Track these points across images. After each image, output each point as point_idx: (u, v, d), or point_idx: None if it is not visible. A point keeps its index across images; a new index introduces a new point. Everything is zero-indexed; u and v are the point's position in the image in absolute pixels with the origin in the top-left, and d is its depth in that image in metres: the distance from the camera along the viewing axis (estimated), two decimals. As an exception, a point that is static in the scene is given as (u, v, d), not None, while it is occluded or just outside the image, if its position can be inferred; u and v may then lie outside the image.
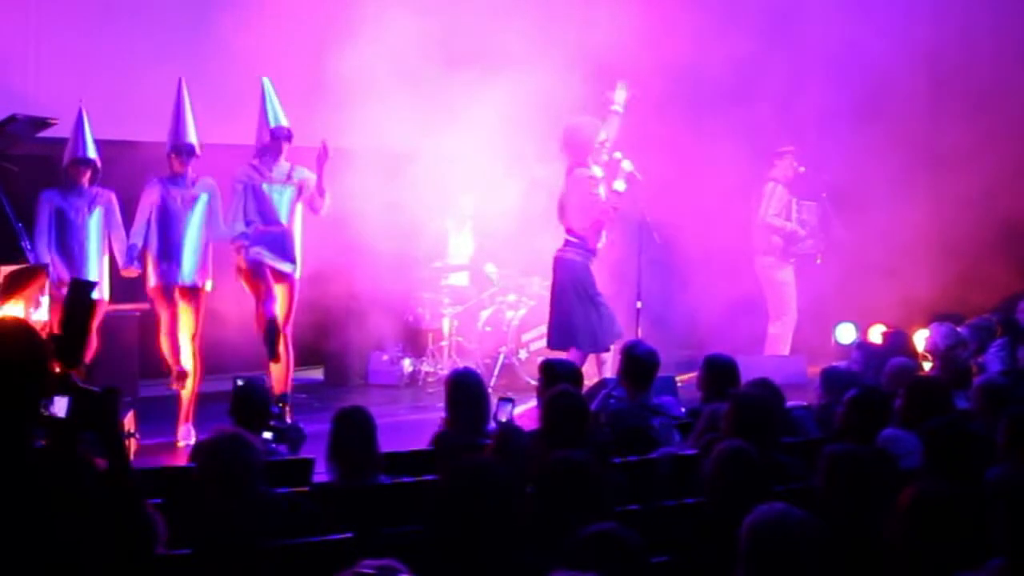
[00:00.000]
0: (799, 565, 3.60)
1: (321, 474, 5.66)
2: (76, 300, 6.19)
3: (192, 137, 8.66)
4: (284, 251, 8.93)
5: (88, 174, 8.55)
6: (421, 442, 6.28)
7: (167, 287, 8.72)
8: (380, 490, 5.19)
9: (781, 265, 10.96)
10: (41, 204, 8.56)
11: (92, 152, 8.51)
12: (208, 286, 8.84)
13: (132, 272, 8.67)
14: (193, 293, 8.76)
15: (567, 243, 9.13)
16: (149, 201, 8.70)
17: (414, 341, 11.52)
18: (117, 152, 9.19)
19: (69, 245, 8.53)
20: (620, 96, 9.31)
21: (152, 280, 8.76)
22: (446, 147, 10.83)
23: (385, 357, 11.37)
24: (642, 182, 9.34)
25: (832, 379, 7.39)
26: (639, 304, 9.76)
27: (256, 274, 8.80)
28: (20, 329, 3.52)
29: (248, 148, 9.10)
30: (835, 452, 4.58)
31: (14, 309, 7.81)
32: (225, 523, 4.43)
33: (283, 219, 8.95)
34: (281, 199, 8.94)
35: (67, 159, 8.52)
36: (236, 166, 9.00)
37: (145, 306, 9.51)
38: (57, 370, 3.53)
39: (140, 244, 8.66)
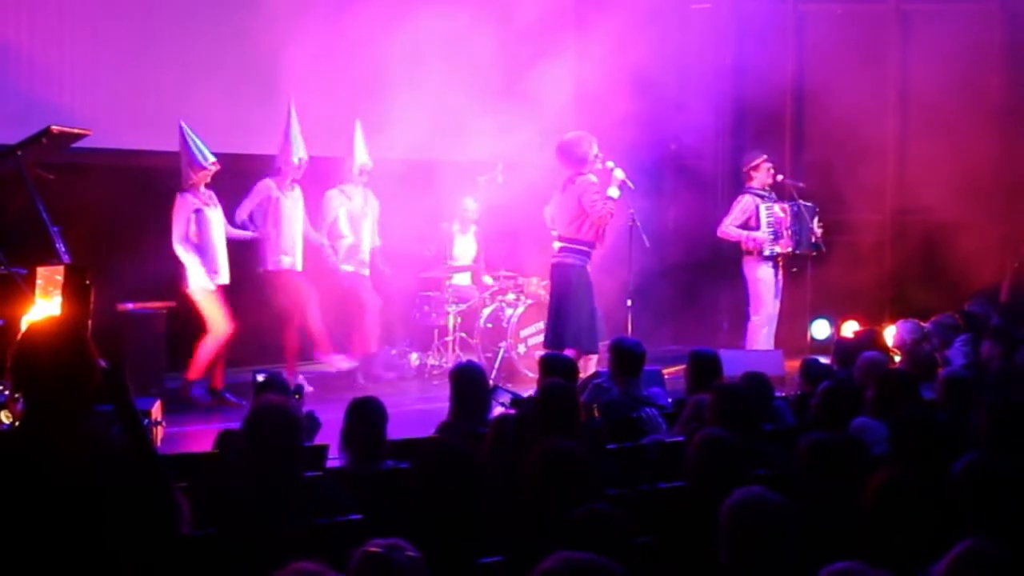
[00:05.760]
0: (774, 544, 3.62)
1: (334, 460, 5.67)
2: (74, 285, 6.09)
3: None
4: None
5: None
6: (427, 430, 6.29)
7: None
8: (389, 475, 5.20)
9: (758, 263, 10.89)
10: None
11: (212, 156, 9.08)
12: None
13: None
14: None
15: (567, 249, 9.13)
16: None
17: (421, 336, 11.54)
18: (133, 161, 9.30)
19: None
20: (616, 177, 9.22)
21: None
22: (452, 153, 10.85)
23: (394, 351, 11.39)
24: (633, 189, 9.36)
25: (810, 371, 7.41)
26: (629, 303, 9.79)
27: None
28: (64, 328, 3.52)
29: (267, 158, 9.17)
30: (810, 439, 4.61)
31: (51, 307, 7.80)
32: (262, 503, 4.32)
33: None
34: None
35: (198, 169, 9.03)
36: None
37: (172, 303, 9.55)
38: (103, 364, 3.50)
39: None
